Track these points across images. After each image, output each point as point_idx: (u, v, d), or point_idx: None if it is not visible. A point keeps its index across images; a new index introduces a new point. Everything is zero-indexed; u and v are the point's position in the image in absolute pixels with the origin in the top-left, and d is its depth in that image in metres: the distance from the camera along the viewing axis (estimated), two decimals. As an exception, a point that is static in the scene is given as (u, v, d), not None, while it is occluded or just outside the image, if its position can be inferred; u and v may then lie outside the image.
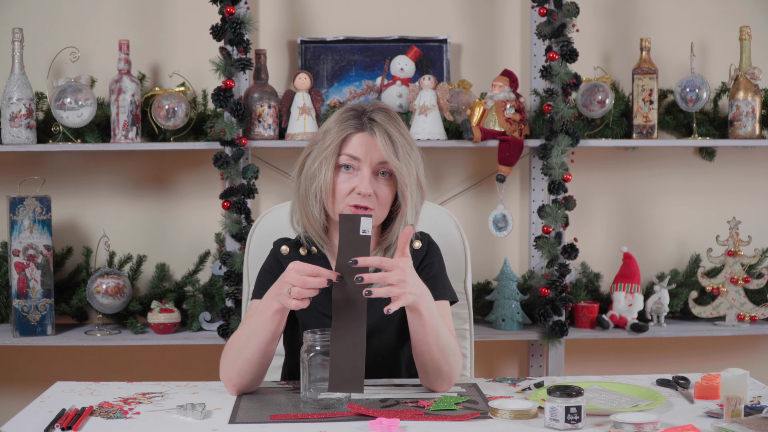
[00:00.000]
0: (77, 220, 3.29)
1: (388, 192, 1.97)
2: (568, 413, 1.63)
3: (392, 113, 2.01)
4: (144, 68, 3.23)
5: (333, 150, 1.95)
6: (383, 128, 1.95)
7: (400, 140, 1.95)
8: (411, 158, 1.96)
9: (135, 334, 3.10)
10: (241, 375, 1.88)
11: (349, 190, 1.95)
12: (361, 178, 1.95)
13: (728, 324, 3.22)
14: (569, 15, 3.04)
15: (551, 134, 3.06)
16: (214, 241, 3.23)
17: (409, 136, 2.00)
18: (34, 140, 3.04)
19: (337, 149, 1.96)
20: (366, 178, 1.94)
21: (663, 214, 3.40)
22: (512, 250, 3.36)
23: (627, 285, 3.18)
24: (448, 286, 2.06)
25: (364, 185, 1.93)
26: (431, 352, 1.85)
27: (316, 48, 3.26)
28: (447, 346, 1.86)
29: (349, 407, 1.74)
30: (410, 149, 1.97)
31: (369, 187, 1.93)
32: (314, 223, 2.02)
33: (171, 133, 3.13)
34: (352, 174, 1.96)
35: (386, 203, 1.98)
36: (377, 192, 1.95)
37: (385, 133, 1.95)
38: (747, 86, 3.16)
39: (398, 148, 1.94)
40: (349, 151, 1.96)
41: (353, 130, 1.96)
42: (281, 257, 2.07)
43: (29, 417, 1.75)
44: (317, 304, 1.98)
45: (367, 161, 1.95)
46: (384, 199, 1.97)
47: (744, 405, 1.72)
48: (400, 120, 2.01)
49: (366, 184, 1.93)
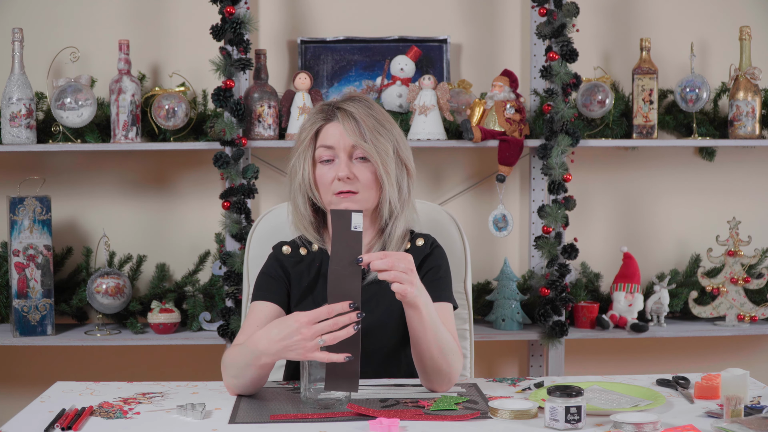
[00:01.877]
0: (77, 220, 3.29)
1: (368, 174, 1.99)
2: (568, 413, 1.63)
3: (362, 97, 2.05)
4: (144, 68, 3.24)
5: (308, 144, 2.02)
6: (347, 112, 1.99)
7: (367, 120, 1.99)
8: (381, 135, 1.99)
9: (135, 334, 3.10)
10: (242, 389, 1.90)
11: (332, 180, 1.99)
12: (338, 164, 1.99)
13: (728, 324, 3.22)
14: (569, 15, 3.04)
15: (551, 134, 3.06)
16: (214, 241, 3.23)
17: (381, 114, 2.03)
18: (34, 140, 3.04)
19: (312, 143, 2.02)
20: (343, 163, 1.98)
21: (663, 214, 3.40)
22: (512, 250, 3.36)
23: (627, 285, 3.18)
24: (452, 291, 2.07)
25: (341, 169, 1.97)
26: (430, 350, 1.85)
27: (316, 48, 3.26)
28: (446, 345, 1.86)
29: (349, 407, 1.74)
30: (379, 126, 2.00)
31: (345, 170, 1.97)
32: (303, 221, 2.06)
33: (171, 133, 3.13)
34: (332, 164, 2.00)
35: (371, 185, 2.00)
36: (358, 175, 1.99)
37: (349, 116, 1.99)
38: (747, 86, 3.16)
39: (363, 129, 1.98)
40: (322, 141, 2.01)
41: (322, 122, 2.02)
42: (282, 257, 2.08)
43: (29, 417, 1.75)
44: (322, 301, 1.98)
45: (341, 147, 1.99)
46: (367, 181, 1.99)
47: (744, 405, 1.71)
48: (372, 102, 2.04)
49: (343, 167, 1.98)
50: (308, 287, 2.06)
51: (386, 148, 1.99)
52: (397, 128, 2.05)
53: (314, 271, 2.07)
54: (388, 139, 2.00)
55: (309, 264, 2.08)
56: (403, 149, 2.04)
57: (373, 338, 1.99)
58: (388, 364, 2.05)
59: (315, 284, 2.06)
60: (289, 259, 2.08)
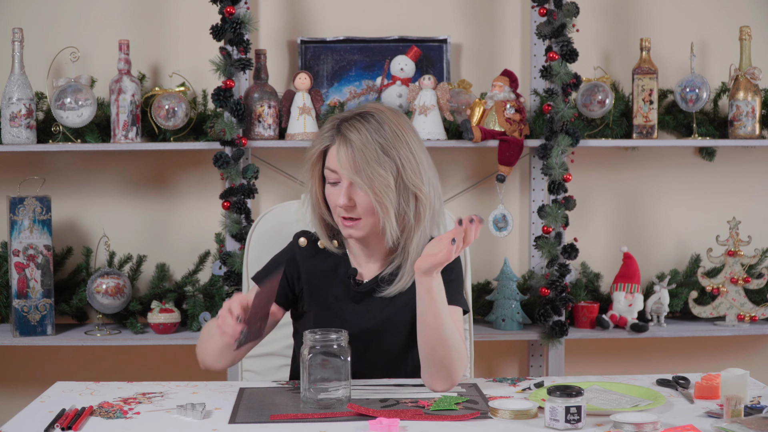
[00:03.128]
0: (77, 220, 3.29)
1: (368, 201, 1.93)
2: (568, 413, 1.63)
3: (374, 114, 1.95)
4: (144, 68, 3.24)
5: (315, 163, 1.99)
6: (346, 138, 1.92)
7: (367, 148, 1.90)
8: (380, 165, 1.90)
9: (135, 334, 3.10)
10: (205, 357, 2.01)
11: (335, 203, 1.96)
12: (339, 191, 1.95)
13: (728, 324, 3.22)
14: (569, 15, 3.04)
15: (551, 134, 3.06)
16: (214, 241, 3.23)
17: (390, 135, 1.92)
18: (34, 140, 3.04)
19: (320, 161, 1.99)
20: (342, 190, 1.94)
21: (663, 214, 3.40)
22: (512, 250, 3.36)
23: (627, 285, 3.18)
24: (464, 296, 2.07)
25: (340, 197, 1.94)
26: (435, 337, 1.86)
27: (316, 48, 3.26)
28: (451, 338, 1.87)
29: (349, 407, 1.74)
30: (381, 155, 1.90)
31: (344, 198, 1.93)
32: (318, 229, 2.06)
33: (171, 133, 3.13)
34: (338, 186, 1.96)
35: (371, 211, 1.94)
36: (357, 201, 1.94)
37: (347, 144, 1.91)
38: (747, 86, 3.16)
39: (358, 160, 1.90)
40: (327, 163, 1.97)
41: (328, 142, 1.96)
42: (297, 249, 2.08)
43: (29, 417, 1.75)
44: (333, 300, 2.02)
45: (343, 173, 1.94)
46: (367, 207, 1.94)
47: (744, 405, 1.71)
48: (385, 119, 1.94)
49: (342, 196, 1.93)
50: (321, 283, 2.05)
51: (384, 180, 1.90)
52: (409, 146, 1.94)
53: (328, 268, 2.05)
54: (388, 169, 1.91)
55: (324, 259, 2.06)
56: (410, 173, 1.93)
57: (384, 338, 2.01)
58: (394, 366, 2.05)
59: (329, 281, 2.05)
60: (303, 252, 2.07)
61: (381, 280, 2.02)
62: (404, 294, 1.99)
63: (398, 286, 1.99)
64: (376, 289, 2.01)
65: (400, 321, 2.01)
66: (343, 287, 2.03)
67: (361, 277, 2.04)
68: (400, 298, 2.00)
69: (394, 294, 1.99)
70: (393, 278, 2.01)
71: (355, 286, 2.02)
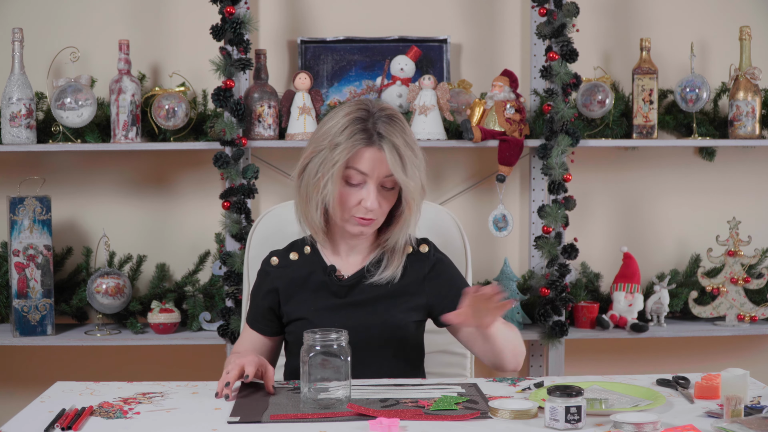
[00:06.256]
0: (77, 220, 3.29)
1: (389, 202, 2.00)
2: (568, 413, 1.63)
3: (396, 118, 1.98)
4: (144, 68, 3.24)
5: (342, 165, 1.94)
6: (391, 142, 1.93)
7: (407, 153, 1.94)
8: (417, 168, 1.97)
9: (135, 334, 3.10)
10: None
11: (356, 203, 1.96)
12: (368, 193, 1.95)
13: (728, 324, 3.22)
14: (569, 15, 3.04)
15: (551, 134, 3.06)
16: (214, 241, 3.23)
17: (413, 141, 1.98)
18: (34, 140, 3.04)
19: (345, 163, 1.95)
20: (372, 193, 1.95)
21: (663, 214, 3.40)
22: (512, 250, 3.36)
23: (627, 285, 3.18)
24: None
25: (371, 200, 1.95)
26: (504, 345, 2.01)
27: (316, 48, 3.26)
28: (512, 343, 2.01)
29: (349, 407, 1.74)
30: (415, 158, 1.96)
31: (375, 202, 1.95)
32: (314, 226, 2.04)
33: (171, 133, 3.13)
34: (359, 188, 1.96)
35: (387, 211, 2.01)
36: (382, 203, 1.98)
37: (393, 148, 1.93)
38: (747, 86, 3.16)
39: (406, 163, 1.94)
40: (357, 165, 1.94)
41: (362, 145, 1.94)
42: (270, 268, 2.10)
43: (29, 417, 1.75)
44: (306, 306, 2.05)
45: (374, 176, 1.95)
46: (386, 208, 2.00)
47: (744, 405, 1.71)
48: (405, 123, 1.99)
49: (373, 199, 1.95)
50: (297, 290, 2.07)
51: (418, 182, 1.97)
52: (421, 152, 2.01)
53: (304, 275, 2.08)
54: (420, 169, 1.98)
55: (299, 267, 2.09)
56: (425, 176, 2.01)
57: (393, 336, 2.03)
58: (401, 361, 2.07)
59: (303, 288, 2.07)
60: (278, 270, 2.09)
61: (367, 271, 2.05)
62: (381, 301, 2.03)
63: (387, 274, 2.03)
64: (363, 279, 2.04)
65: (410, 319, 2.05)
66: (325, 287, 2.05)
67: (340, 272, 2.06)
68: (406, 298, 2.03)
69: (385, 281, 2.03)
70: (378, 266, 2.05)
71: (337, 281, 2.04)
